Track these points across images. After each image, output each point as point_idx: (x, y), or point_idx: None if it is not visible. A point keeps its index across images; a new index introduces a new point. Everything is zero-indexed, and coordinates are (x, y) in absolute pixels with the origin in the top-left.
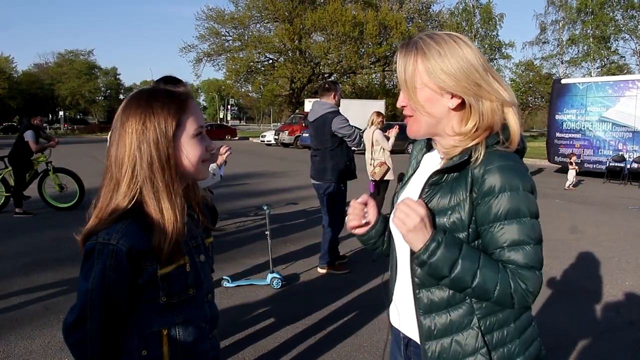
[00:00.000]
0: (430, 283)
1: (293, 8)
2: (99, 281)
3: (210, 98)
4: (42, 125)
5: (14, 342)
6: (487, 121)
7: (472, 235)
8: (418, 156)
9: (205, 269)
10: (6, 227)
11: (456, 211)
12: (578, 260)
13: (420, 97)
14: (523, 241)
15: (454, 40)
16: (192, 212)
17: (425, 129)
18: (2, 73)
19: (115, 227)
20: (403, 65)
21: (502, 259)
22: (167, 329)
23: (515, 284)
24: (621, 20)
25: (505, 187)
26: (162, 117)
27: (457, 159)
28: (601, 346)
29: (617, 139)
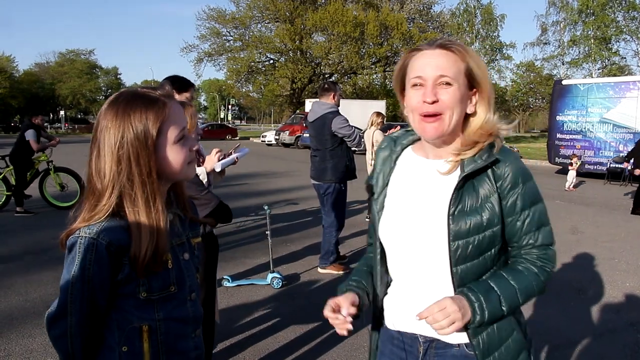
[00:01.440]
0: (468, 282)
1: (294, 8)
2: (79, 274)
3: (211, 98)
4: (43, 125)
5: (14, 340)
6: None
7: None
8: (388, 163)
9: (189, 268)
10: (7, 226)
11: (487, 208)
12: (578, 261)
13: (460, 93)
14: (544, 223)
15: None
16: (177, 210)
17: (451, 129)
18: (3, 72)
19: (96, 224)
20: (452, 62)
21: (530, 242)
22: (148, 325)
23: (540, 272)
24: (622, 22)
25: (524, 179)
26: (140, 128)
27: (481, 162)
28: (601, 347)
29: (618, 140)
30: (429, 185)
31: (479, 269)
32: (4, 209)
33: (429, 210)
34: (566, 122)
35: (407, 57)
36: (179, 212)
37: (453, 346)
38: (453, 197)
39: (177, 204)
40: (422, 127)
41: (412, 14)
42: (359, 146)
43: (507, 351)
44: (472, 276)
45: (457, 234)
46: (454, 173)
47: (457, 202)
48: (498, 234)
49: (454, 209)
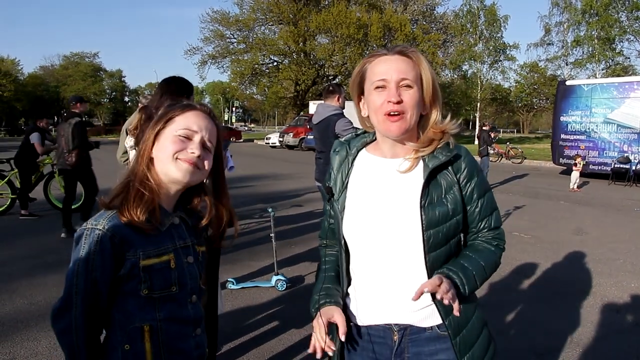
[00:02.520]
0: (437, 267)
1: (297, 10)
2: (84, 264)
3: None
4: (47, 128)
5: (19, 343)
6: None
7: (463, 214)
8: (345, 165)
9: (193, 271)
10: (12, 228)
11: (450, 198)
12: (583, 262)
13: (418, 95)
14: (495, 208)
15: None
16: (185, 216)
17: (411, 127)
18: (8, 75)
19: (103, 214)
20: (404, 65)
21: (486, 225)
22: (149, 325)
23: (497, 250)
24: (626, 22)
25: (478, 171)
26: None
27: (444, 157)
28: (606, 348)
29: (622, 140)
30: (393, 182)
31: (446, 255)
32: (9, 212)
33: (399, 204)
34: (570, 123)
35: (365, 62)
36: (185, 217)
37: (426, 329)
38: (422, 190)
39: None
40: (386, 126)
41: (415, 16)
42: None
43: (473, 328)
44: (440, 262)
45: (429, 224)
46: (415, 169)
47: (426, 194)
48: (461, 221)
49: (424, 201)
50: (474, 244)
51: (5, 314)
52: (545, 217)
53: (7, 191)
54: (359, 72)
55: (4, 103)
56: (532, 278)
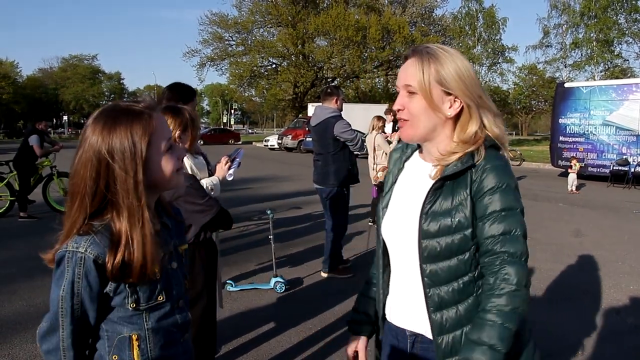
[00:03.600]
0: (440, 282)
1: (296, 13)
2: (69, 288)
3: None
4: (46, 130)
5: (18, 345)
6: (486, 130)
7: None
8: (397, 164)
9: (177, 276)
10: (11, 231)
11: (460, 210)
12: (582, 263)
13: (424, 102)
14: (512, 232)
15: (456, 52)
16: (165, 220)
17: (422, 134)
18: (6, 78)
19: (83, 237)
20: (417, 70)
21: (492, 247)
22: (137, 334)
23: (508, 298)
24: (625, 24)
25: (500, 185)
26: (126, 143)
27: (461, 165)
28: (605, 350)
29: (621, 142)
30: (419, 186)
31: (451, 272)
32: (8, 214)
33: (409, 209)
34: (569, 125)
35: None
36: (166, 221)
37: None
38: (428, 197)
39: (163, 212)
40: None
41: (414, 18)
42: (361, 150)
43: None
44: (445, 276)
45: (426, 233)
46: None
47: (431, 202)
48: (470, 238)
49: (427, 208)
50: (480, 309)
51: (4, 316)
52: (544, 219)
53: (6, 193)
54: None
55: (2, 105)
56: (531, 280)
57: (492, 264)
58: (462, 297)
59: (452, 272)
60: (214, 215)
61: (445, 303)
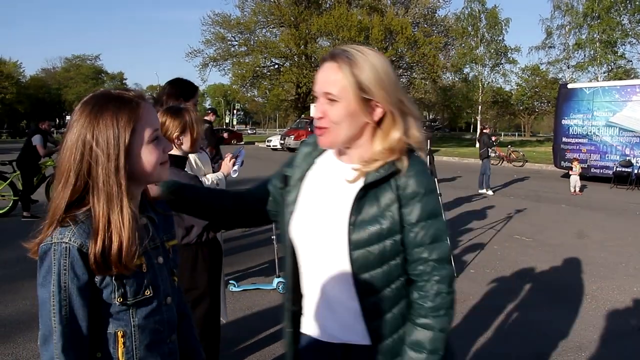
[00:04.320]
0: (374, 290)
1: (299, 13)
2: (57, 282)
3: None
4: (49, 130)
5: (22, 344)
6: (408, 136)
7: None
8: (307, 160)
9: (163, 272)
10: (14, 230)
11: (387, 216)
12: (585, 265)
13: (344, 109)
14: (439, 238)
15: (377, 54)
16: (151, 214)
17: (342, 140)
18: (10, 78)
19: (67, 227)
20: (335, 76)
21: (422, 255)
22: (123, 331)
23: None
24: (628, 25)
25: (424, 190)
26: (112, 127)
27: (383, 172)
28: (608, 352)
29: (624, 144)
30: (337, 190)
31: (384, 278)
32: (11, 214)
33: (332, 218)
34: (572, 126)
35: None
36: (152, 215)
37: (369, 347)
38: (353, 207)
39: (149, 206)
40: (318, 138)
41: (416, 19)
42: None
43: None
44: (377, 284)
45: (357, 244)
46: (359, 181)
47: (357, 211)
48: (399, 243)
49: (354, 218)
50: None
51: (7, 315)
52: (547, 221)
53: (9, 193)
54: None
55: (6, 105)
56: (534, 282)
57: (424, 272)
58: (396, 300)
59: (385, 278)
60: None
61: (382, 309)
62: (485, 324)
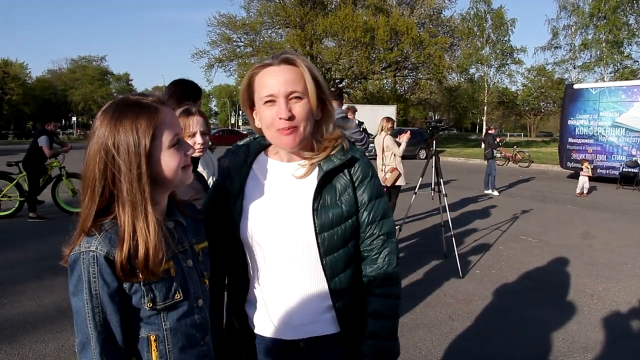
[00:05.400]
0: (339, 270)
1: (304, 14)
2: (87, 289)
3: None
4: (55, 131)
5: (27, 345)
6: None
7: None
8: (244, 168)
9: (193, 275)
10: (20, 231)
11: (346, 201)
12: (591, 265)
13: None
14: (386, 215)
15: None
16: (179, 217)
17: (305, 138)
18: (16, 79)
19: (93, 237)
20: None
21: (374, 231)
22: (155, 335)
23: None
24: (634, 25)
25: (370, 174)
26: (131, 135)
27: (342, 158)
28: (613, 353)
29: (631, 144)
30: (289, 187)
31: (345, 257)
32: (17, 215)
33: (294, 209)
34: (578, 127)
35: (251, 73)
36: (180, 219)
37: (329, 336)
38: (315, 194)
39: (177, 210)
40: (279, 140)
41: (422, 19)
42: (367, 151)
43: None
44: (341, 264)
45: (322, 227)
46: (311, 174)
47: (319, 197)
48: (356, 223)
49: (316, 204)
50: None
51: (13, 316)
52: (553, 221)
53: (15, 194)
54: (247, 84)
55: (12, 106)
56: (540, 282)
57: (377, 246)
58: (356, 278)
59: (347, 258)
60: None
61: (345, 290)
62: (490, 324)
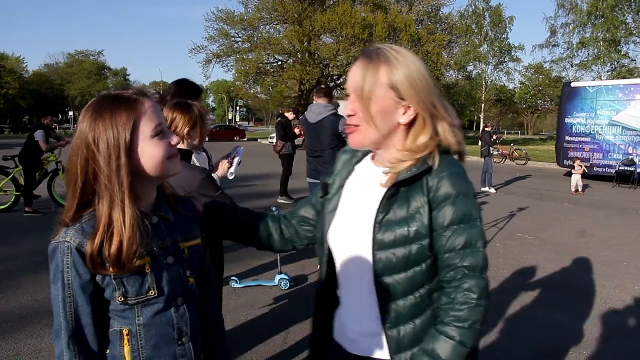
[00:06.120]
0: (396, 296)
1: (302, 10)
2: (61, 279)
3: (219, 99)
4: (52, 125)
5: (23, 340)
6: (438, 140)
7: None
8: (347, 166)
9: (173, 272)
10: (16, 225)
11: (416, 219)
12: (586, 263)
13: (375, 108)
14: (472, 244)
15: (411, 55)
16: (166, 213)
17: (372, 140)
18: (12, 73)
19: (70, 227)
20: (362, 74)
21: (453, 262)
22: (128, 329)
23: (468, 312)
24: (632, 23)
25: (458, 193)
26: (110, 128)
27: (415, 170)
28: (610, 351)
29: (627, 142)
30: (370, 194)
31: (408, 283)
32: (13, 209)
33: (361, 218)
34: (575, 125)
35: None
36: (168, 214)
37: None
38: (381, 205)
39: (166, 205)
40: (348, 135)
41: (420, 16)
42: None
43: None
44: (399, 290)
45: (380, 244)
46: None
47: (385, 210)
48: (427, 248)
49: (381, 217)
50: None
51: (9, 310)
52: (549, 219)
53: (11, 188)
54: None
55: (8, 101)
56: (536, 280)
57: (453, 279)
58: (419, 310)
59: (409, 284)
60: None
61: (402, 318)
62: (487, 321)
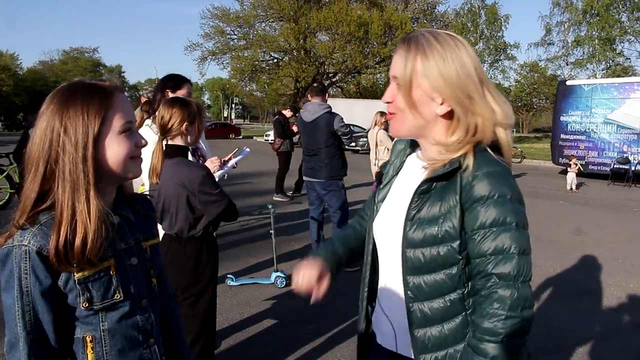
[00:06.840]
0: (424, 297)
1: (298, 7)
2: (18, 286)
3: (214, 97)
4: None
5: None
6: (475, 137)
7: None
8: (400, 156)
9: (137, 273)
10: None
11: (448, 219)
12: (582, 262)
13: (412, 97)
14: (505, 250)
15: (456, 44)
16: (127, 213)
17: (408, 129)
18: (7, 70)
19: (27, 230)
20: (403, 61)
21: (484, 268)
22: (92, 336)
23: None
24: (627, 22)
25: (493, 195)
26: (81, 115)
27: (447, 167)
28: (605, 349)
29: (622, 141)
30: (410, 187)
31: (438, 285)
32: (7, 207)
33: (399, 212)
34: (570, 123)
35: None
36: (128, 214)
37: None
38: (413, 201)
39: (125, 205)
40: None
41: (416, 14)
42: (350, 143)
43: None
44: (428, 291)
45: (410, 242)
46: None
47: (417, 207)
48: (457, 251)
49: (413, 213)
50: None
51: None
52: (545, 217)
53: (5, 186)
54: None
55: (2, 98)
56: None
57: (484, 287)
58: (448, 315)
59: (439, 287)
60: (226, 206)
61: (430, 320)
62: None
